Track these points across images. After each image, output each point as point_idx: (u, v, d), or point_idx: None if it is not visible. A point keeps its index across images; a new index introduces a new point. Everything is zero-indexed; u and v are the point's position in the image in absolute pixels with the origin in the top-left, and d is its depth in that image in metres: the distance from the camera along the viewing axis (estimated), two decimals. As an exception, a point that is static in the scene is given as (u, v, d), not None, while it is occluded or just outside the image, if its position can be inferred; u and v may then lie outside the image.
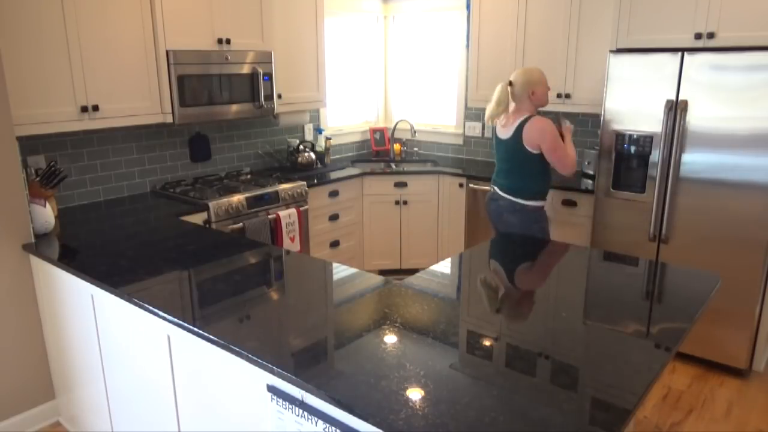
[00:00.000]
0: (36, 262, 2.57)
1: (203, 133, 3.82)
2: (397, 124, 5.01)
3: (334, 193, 4.08)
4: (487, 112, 2.98)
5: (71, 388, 2.64)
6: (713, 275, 2.08)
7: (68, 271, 2.25)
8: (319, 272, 2.13)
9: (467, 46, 4.62)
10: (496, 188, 3.08)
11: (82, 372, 2.49)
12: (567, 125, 3.00)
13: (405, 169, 4.39)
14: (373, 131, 5.09)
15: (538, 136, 2.81)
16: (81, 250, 2.44)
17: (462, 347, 1.54)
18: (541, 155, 2.87)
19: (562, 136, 2.91)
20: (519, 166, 2.93)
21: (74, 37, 2.76)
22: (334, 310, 1.78)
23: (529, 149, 2.86)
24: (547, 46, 3.85)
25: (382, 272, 4.42)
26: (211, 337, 1.62)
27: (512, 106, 2.95)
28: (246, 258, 2.28)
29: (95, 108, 2.89)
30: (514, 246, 2.51)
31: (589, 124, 4.07)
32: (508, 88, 2.91)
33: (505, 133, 2.98)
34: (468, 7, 4.45)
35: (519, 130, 2.87)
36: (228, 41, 3.41)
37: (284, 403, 1.47)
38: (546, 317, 1.73)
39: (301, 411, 1.43)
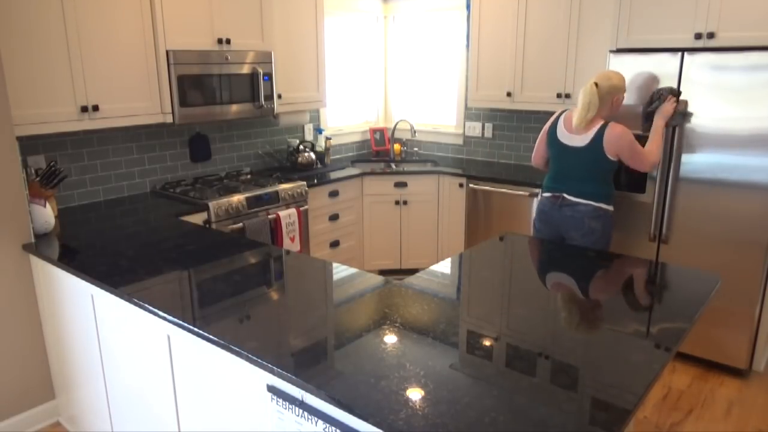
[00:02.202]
0: (36, 262, 2.57)
1: (203, 133, 3.82)
2: (397, 124, 5.01)
3: (334, 193, 4.08)
4: (576, 119, 2.86)
5: (71, 388, 2.64)
6: (713, 275, 2.08)
7: (68, 271, 2.25)
8: (319, 272, 2.13)
9: (467, 46, 4.62)
10: (565, 195, 2.94)
11: (82, 372, 2.49)
12: (667, 107, 2.92)
13: (405, 169, 4.39)
14: (373, 131, 5.09)
15: (617, 144, 2.77)
16: (81, 250, 2.44)
17: (462, 347, 1.54)
18: (618, 161, 2.84)
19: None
20: (597, 172, 2.86)
21: (74, 37, 2.76)
22: (334, 310, 1.78)
23: (609, 157, 2.81)
24: (547, 46, 3.86)
25: (382, 272, 4.42)
26: (211, 337, 1.62)
27: (590, 115, 2.84)
28: (246, 258, 2.28)
29: (95, 108, 2.89)
30: (515, 246, 2.51)
31: (589, 124, 4.07)
32: (595, 90, 2.80)
33: (579, 140, 2.87)
34: (468, 7, 4.46)
35: (599, 137, 2.80)
36: (228, 41, 3.41)
37: (284, 403, 1.47)
38: (546, 317, 1.73)
39: (301, 411, 1.43)
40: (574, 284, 2.03)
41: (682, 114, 3.03)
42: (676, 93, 2.97)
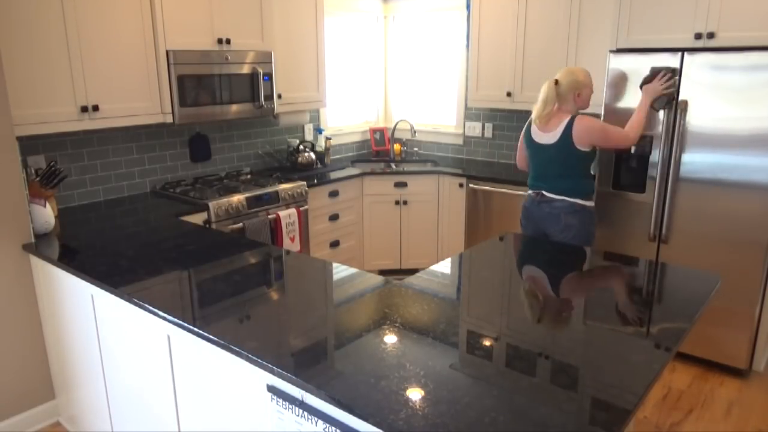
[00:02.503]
0: (36, 262, 2.57)
1: (203, 133, 3.82)
2: (397, 124, 5.01)
3: (334, 193, 4.08)
4: (535, 112, 2.97)
5: (71, 388, 2.64)
6: (713, 275, 2.08)
7: (68, 271, 2.25)
8: (319, 272, 2.13)
9: (467, 46, 4.62)
10: (544, 192, 3.00)
11: (82, 372, 2.49)
12: (654, 85, 2.98)
13: (405, 169, 4.39)
14: (373, 131, 5.09)
15: (587, 135, 2.83)
16: (81, 250, 2.44)
17: (462, 347, 1.54)
18: (591, 153, 2.89)
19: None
20: (571, 168, 2.91)
21: (74, 37, 2.76)
22: (334, 310, 1.78)
23: (580, 148, 2.86)
24: (547, 46, 3.86)
25: (382, 272, 4.42)
26: (211, 337, 1.62)
27: (555, 106, 2.94)
28: (246, 258, 2.28)
29: (95, 108, 2.89)
30: (515, 247, 2.51)
31: (589, 124, 4.07)
32: (555, 88, 2.90)
33: (548, 137, 2.94)
34: (468, 7, 4.46)
35: (567, 131, 2.86)
36: (228, 41, 3.41)
37: (284, 403, 1.47)
38: (546, 317, 1.73)
39: (301, 411, 1.43)
40: (574, 284, 2.03)
41: (669, 97, 3.04)
42: (670, 73, 2.99)
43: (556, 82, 2.91)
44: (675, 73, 3.00)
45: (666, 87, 3.01)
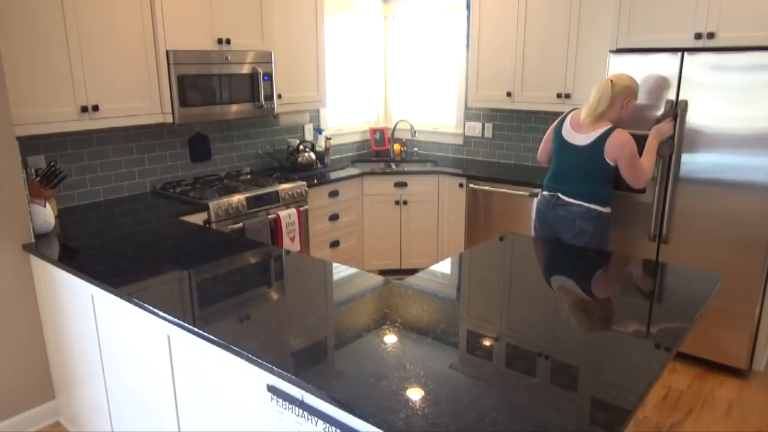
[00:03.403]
0: (36, 262, 2.57)
1: (203, 133, 3.82)
2: (397, 124, 5.01)
3: (334, 193, 4.08)
4: (585, 111, 2.86)
5: (71, 388, 2.64)
6: (713, 275, 2.08)
7: (68, 271, 2.25)
8: (319, 272, 2.13)
9: (467, 46, 4.62)
10: (560, 195, 2.93)
11: (82, 372, 2.49)
12: (664, 127, 2.98)
13: (405, 169, 4.39)
14: (373, 131, 5.09)
15: (618, 152, 2.74)
16: (81, 250, 2.44)
17: (462, 347, 1.54)
18: (617, 167, 2.80)
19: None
20: (595, 174, 2.83)
21: (74, 37, 2.76)
22: (334, 310, 1.78)
23: (608, 161, 2.78)
24: (547, 46, 3.86)
25: (382, 272, 4.42)
26: (211, 337, 1.62)
27: (600, 109, 2.83)
28: (246, 258, 2.28)
29: (95, 108, 2.89)
30: (515, 246, 2.51)
31: (589, 124, 4.07)
32: (610, 87, 2.79)
33: (581, 139, 2.86)
34: (468, 7, 4.45)
35: (601, 140, 2.78)
36: (228, 41, 3.41)
37: (284, 403, 1.47)
38: (546, 317, 1.73)
39: (301, 411, 1.43)
40: (574, 284, 2.03)
41: (670, 143, 3.07)
42: (675, 117, 3.01)
43: (612, 82, 2.79)
44: (676, 118, 3.02)
45: (671, 130, 2.99)
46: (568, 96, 3.80)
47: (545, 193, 3.02)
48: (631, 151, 2.75)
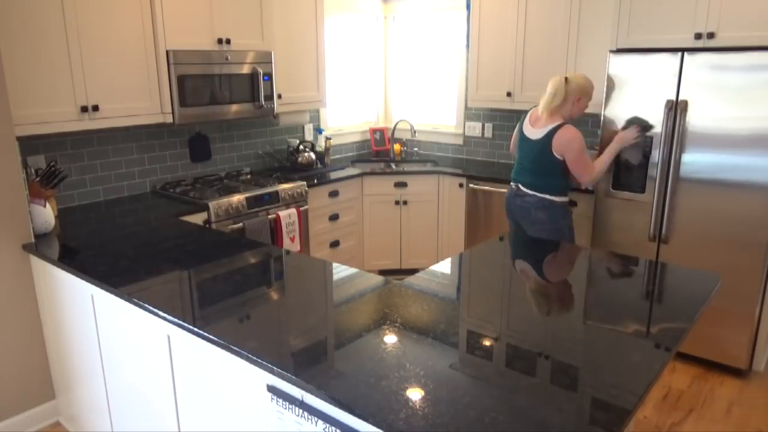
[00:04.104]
0: (36, 262, 2.57)
1: (203, 133, 3.82)
2: (397, 124, 5.01)
3: (334, 193, 4.08)
4: (542, 104, 3.04)
5: (71, 388, 2.64)
6: (713, 275, 2.08)
7: (68, 271, 2.25)
8: (319, 272, 2.13)
9: (467, 46, 4.62)
10: (520, 185, 3.14)
11: (82, 372, 2.49)
12: (627, 134, 3.12)
13: (405, 169, 4.39)
14: (373, 131, 5.09)
15: (566, 146, 2.93)
16: (81, 250, 2.44)
17: (462, 347, 1.54)
18: (564, 161, 2.98)
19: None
20: (544, 166, 3.02)
21: (74, 37, 2.76)
22: (334, 310, 1.78)
23: (556, 155, 2.96)
24: (547, 46, 3.86)
25: (382, 272, 4.42)
26: (211, 337, 1.62)
27: (554, 103, 3.00)
28: (246, 258, 2.28)
29: (95, 108, 2.89)
30: (514, 246, 2.51)
31: (589, 124, 4.07)
32: (564, 84, 2.96)
33: (535, 133, 3.05)
34: (468, 7, 4.45)
35: (550, 135, 2.96)
36: (228, 41, 3.41)
37: (284, 403, 1.47)
38: (546, 317, 1.73)
39: (301, 411, 1.43)
40: (574, 284, 2.03)
41: (638, 149, 3.19)
42: (642, 127, 3.14)
43: (566, 80, 2.97)
44: (647, 129, 3.13)
45: (636, 138, 3.15)
46: (568, 96, 3.80)
47: (511, 184, 3.24)
48: (578, 147, 2.92)
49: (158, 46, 3.09)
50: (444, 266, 2.21)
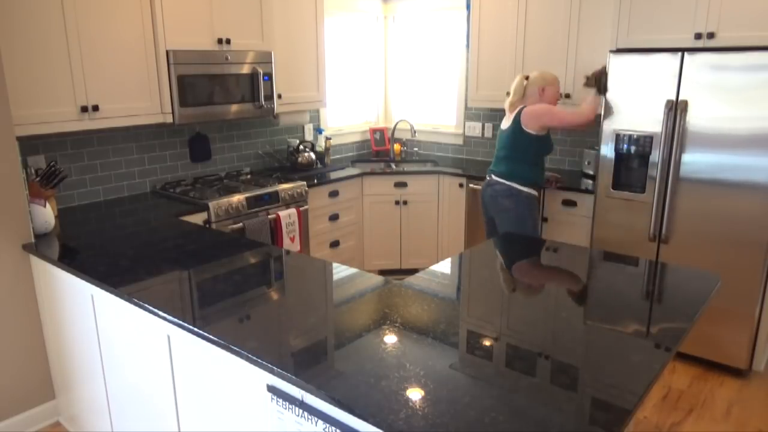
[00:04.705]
0: (36, 262, 2.57)
1: (203, 133, 3.82)
2: (397, 124, 5.01)
3: (334, 193, 4.08)
4: (506, 103, 3.31)
5: (71, 388, 2.64)
6: (713, 275, 2.08)
7: (68, 271, 2.25)
8: (319, 272, 2.13)
9: (467, 46, 4.62)
10: (492, 176, 3.31)
11: (82, 372, 2.49)
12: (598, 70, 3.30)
13: (405, 169, 4.39)
14: (373, 131, 5.09)
15: (535, 117, 3.09)
16: (81, 250, 2.44)
17: (462, 347, 1.54)
18: (542, 139, 3.11)
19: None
20: (519, 151, 3.15)
21: (74, 37, 2.76)
22: (334, 310, 1.78)
23: (529, 131, 3.10)
24: (547, 46, 3.85)
25: (382, 272, 4.42)
26: (211, 337, 1.62)
27: (526, 100, 3.25)
28: (246, 258, 2.28)
29: (95, 108, 2.89)
30: (515, 246, 2.51)
31: (589, 124, 4.07)
32: (524, 81, 3.22)
33: (506, 122, 3.27)
34: (468, 7, 4.45)
35: (518, 116, 3.17)
36: (228, 41, 3.41)
37: (284, 403, 1.47)
38: (546, 317, 1.73)
39: (301, 411, 1.43)
40: (574, 284, 2.03)
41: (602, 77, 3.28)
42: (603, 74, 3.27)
43: (527, 77, 3.23)
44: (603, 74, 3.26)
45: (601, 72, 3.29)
46: (568, 96, 3.80)
47: (485, 177, 3.42)
48: (547, 108, 3.11)
49: (158, 46, 3.09)
50: (444, 266, 2.21)
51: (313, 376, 1.39)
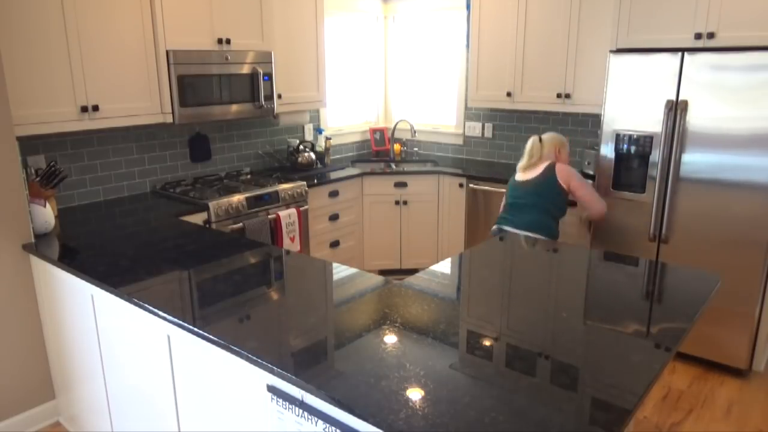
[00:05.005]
0: (36, 262, 2.57)
1: (203, 133, 3.82)
2: (397, 124, 5.01)
3: (334, 193, 4.08)
4: (520, 164, 3.18)
5: (71, 388, 2.64)
6: (713, 275, 2.08)
7: (68, 271, 2.25)
8: (319, 272, 2.13)
9: (467, 46, 4.62)
10: (505, 227, 3.05)
11: (82, 372, 2.49)
12: None
13: (405, 169, 4.39)
14: (373, 131, 5.09)
15: (568, 174, 3.03)
16: (81, 250, 2.44)
17: (462, 347, 1.54)
18: (565, 196, 3.03)
19: None
20: (546, 199, 3.01)
21: (74, 37, 2.76)
22: (334, 310, 1.78)
23: (560, 183, 3.01)
24: (547, 46, 3.85)
25: (382, 272, 4.42)
26: (211, 337, 1.62)
27: (544, 160, 3.14)
28: (246, 258, 2.28)
29: (95, 108, 2.89)
30: (514, 246, 2.51)
31: (589, 124, 4.07)
32: (539, 143, 3.14)
33: (531, 174, 3.10)
34: (468, 7, 4.45)
35: (550, 169, 3.04)
36: (228, 41, 3.41)
37: (284, 403, 1.47)
38: (546, 317, 1.73)
39: (301, 411, 1.43)
40: (574, 284, 2.03)
41: None
42: None
43: (540, 140, 3.15)
44: None
45: None
46: (568, 96, 3.80)
47: (493, 227, 3.16)
48: (576, 173, 3.05)
49: (158, 46, 3.09)
50: (444, 266, 2.21)
51: (313, 376, 1.39)
